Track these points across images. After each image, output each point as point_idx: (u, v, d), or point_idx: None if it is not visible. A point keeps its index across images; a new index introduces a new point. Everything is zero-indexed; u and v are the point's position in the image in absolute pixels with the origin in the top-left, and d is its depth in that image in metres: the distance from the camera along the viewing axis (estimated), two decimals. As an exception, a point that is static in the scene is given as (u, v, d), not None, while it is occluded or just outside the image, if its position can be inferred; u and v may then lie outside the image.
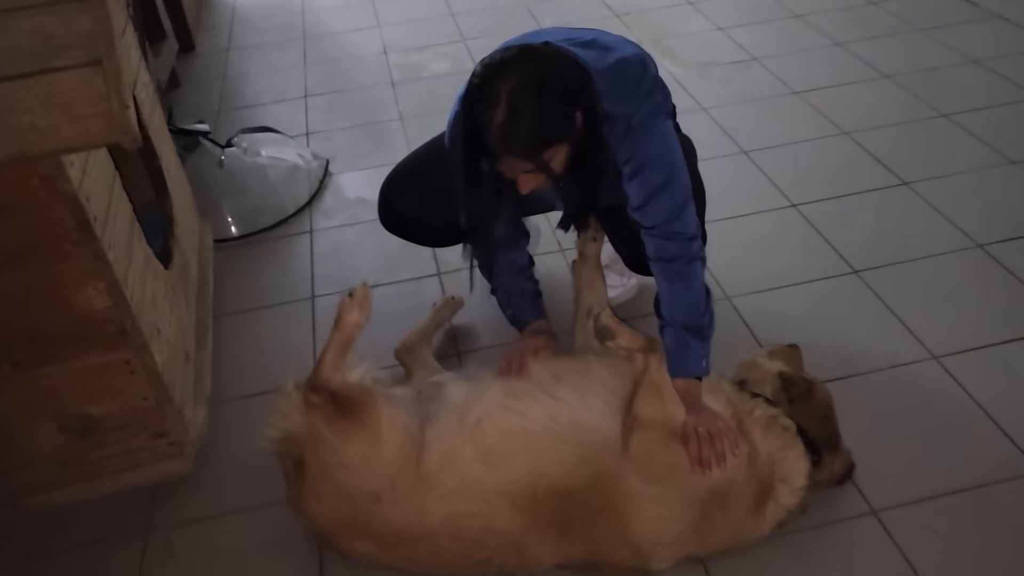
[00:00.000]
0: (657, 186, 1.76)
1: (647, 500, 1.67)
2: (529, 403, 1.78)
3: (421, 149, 2.33)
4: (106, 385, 1.90)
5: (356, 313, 1.91)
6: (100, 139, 1.41)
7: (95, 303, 1.78)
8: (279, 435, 1.86)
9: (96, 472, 2.04)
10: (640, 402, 1.74)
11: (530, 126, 1.58)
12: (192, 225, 2.72)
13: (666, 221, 1.78)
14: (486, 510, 1.68)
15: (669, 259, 1.81)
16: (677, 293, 1.83)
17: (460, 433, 1.74)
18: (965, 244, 2.61)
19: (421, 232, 2.36)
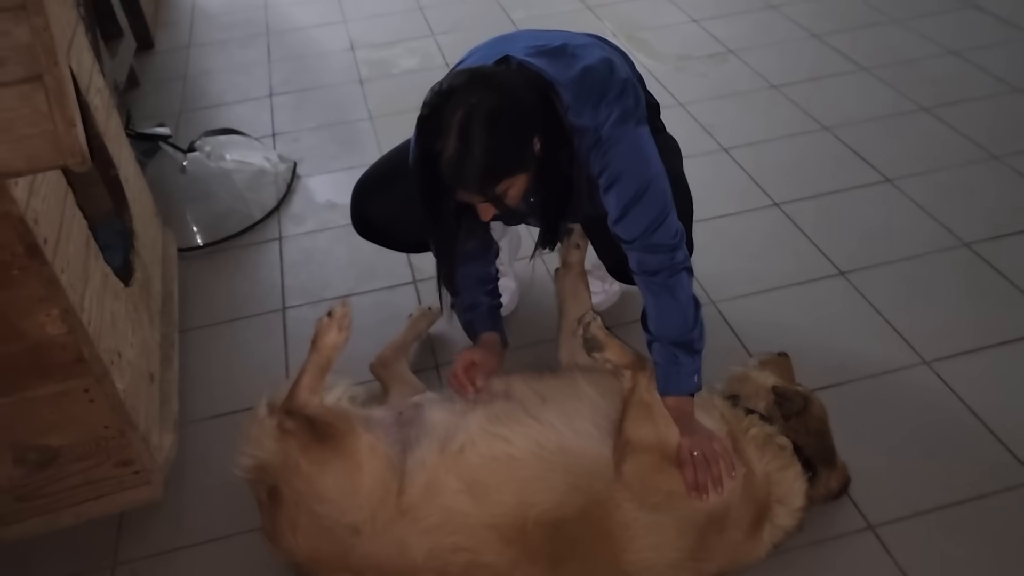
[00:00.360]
0: (632, 197, 1.67)
1: (642, 528, 1.59)
2: (514, 428, 1.69)
3: (393, 152, 2.22)
4: (64, 415, 1.79)
5: (334, 334, 1.82)
6: (44, 163, 1.30)
7: (49, 330, 1.67)
8: (252, 463, 1.75)
9: (56, 504, 1.93)
10: (631, 424, 1.66)
11: (481, 162, 1.51)
12: (154, 235, 2.59)
13: (645, 232, 1.69)
14: (473, 543, 1.59)
15: (652, 272, 1.72)
16: (663, 307, 1.74)
17: (443, 462, 1.65)
18: (951, 243, 2.56)
19: (395, 237, 2.26)
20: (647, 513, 1.60)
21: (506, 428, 1.69)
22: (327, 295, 2.62)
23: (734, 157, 3.06)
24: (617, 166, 1.68)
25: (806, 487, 1.71)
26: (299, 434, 1.69)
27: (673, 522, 1.61)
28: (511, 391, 1.80)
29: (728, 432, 1.71)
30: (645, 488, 1.61)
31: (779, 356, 2.04)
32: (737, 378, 1.95)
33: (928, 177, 2.85)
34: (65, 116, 1.27)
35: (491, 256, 2.07)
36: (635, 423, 1.66)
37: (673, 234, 1.72)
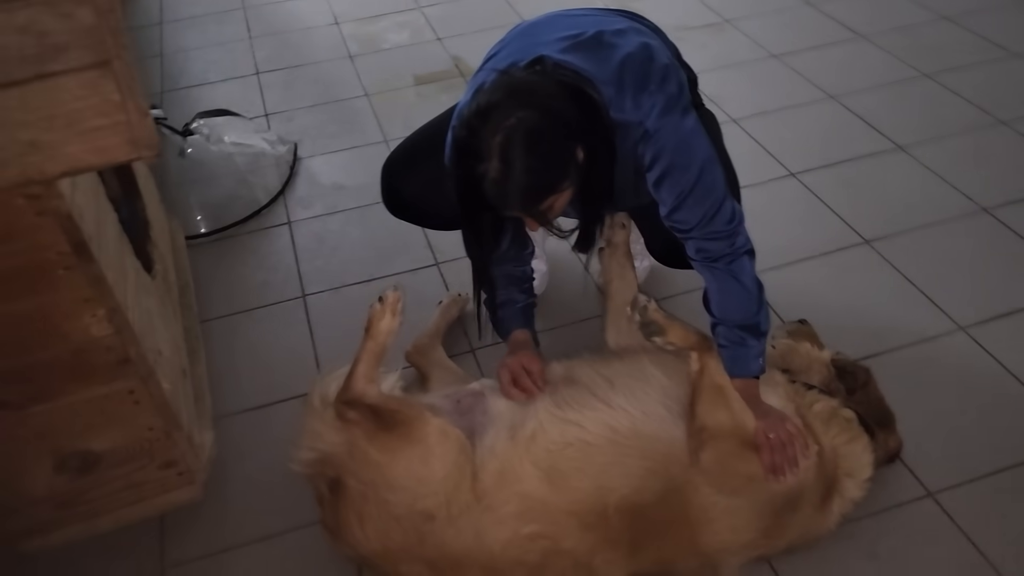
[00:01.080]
0: (686, 189, 1.63)
1: (721, 512, 1.58)
2: (585, 413, 1.66)
3: (424, 128, 2.14)
4: (108, 418, 1.71)
5: (388, 319, 1.77)
6: (117, 155, 1.21)
7: (94, 332, 1.58)
8: (312, 457, 1.70)
9: (97, 510, 1.85)
10: (704, 408, 1.64)
11: (525, 183, 1.48)
12: (162, 224, 2.49)
13: (701, 222, 1.65)
14: (552, 531, 1.57)
15: (713, 259, 1.69)
16: (727, 290, 1.71)
17: (515, 449, 1.62)
18: (970, 209, 2.59)
19: (429, 213, 2.17)
20: (725, 497, 1.59)
21: (577, 413, 1.66)
22: (347, 280, 2.54)
23: (744, 128, 3.04)
24: (667, 159, 1.63)
25: (873, 457, 1.72)
26: (363, 423, 1.65)
27: (751, 504, 1.60)
28: (575, 376, 1.77)
29: (795, 410, 1.70)
30: (724, 475, 1.59)
31: (801, 324, 2.04)
32: (783, 352, 1.94)
33: (939, 143, 2.88)
34: (137, 105, 1.18)
35: (527, 256, 2.01)
36: (709, 407, 1.63)
37: (730, 219, 1.68)
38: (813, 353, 1.89)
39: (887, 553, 1.75)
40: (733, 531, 1.60)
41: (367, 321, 1.77)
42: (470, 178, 1.51)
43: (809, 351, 1.91)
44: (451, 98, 2.52)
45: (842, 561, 1.73)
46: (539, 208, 1.54)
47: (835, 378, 1.82)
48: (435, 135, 2.09)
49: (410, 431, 1.62)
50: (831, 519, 1.69)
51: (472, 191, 1.53)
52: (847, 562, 1.73)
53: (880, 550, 1.75)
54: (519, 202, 1.52)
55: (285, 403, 2.16)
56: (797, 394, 1.77)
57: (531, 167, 1.46)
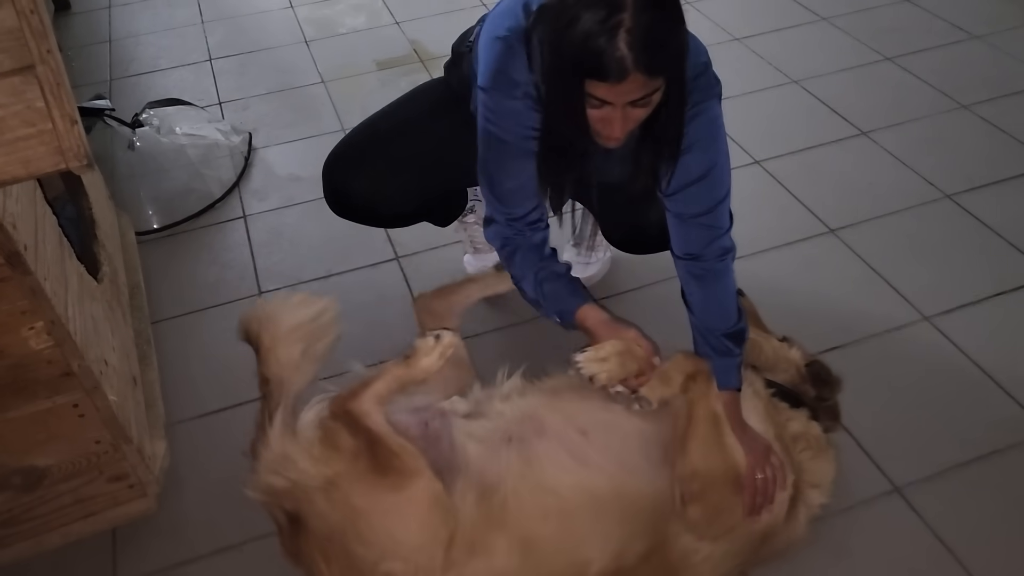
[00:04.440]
0: (699, 174, 1.58)
1: (703, 558, 1.52)
2: (560, 477, 1.51)
3: (367, 121, 2.06)
4: (52, 433, 1.63)
5: (434, 359, 1.56)
6: (44, 166, 1.13)
7: (33, 345, 1.50)
8: (279, 486, 1.51)
9: (44, 526, 1.78)
10: (699, 446, 1.53)
11: (666, 28, 1.36)
12: (111, 221, 2.39)
13: (701, 212, 1.62)
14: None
15: (698, 253, 1.64)
16: (711, 296, 1.66)
17: (487, 519, 1.46)
18: (934, 195, 2.58)
19: (375, 212, 2.07)
20: (709, 544, 1.52)
21: (551, 477, 1.51)
22: (305, 276, 2.47)
23: (708, 113, 3.00)
24: (693, 135, 1.56)
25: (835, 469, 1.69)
26: (354, 457, 1.46)
27: (732, 546, 1.54)
28: (544, 426, 1.57)
29: (775, 434, 1.63)
30: (711, 526, 1.52)
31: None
32: (752, 348, 1.89)
33: (901, 129, 2.87)
34: (64, 112, 1.10)
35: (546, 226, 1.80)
36: (703, 445, 1.53)
37: (728, 218, 1.67)
38: (782, 351, 1.85)
39: (856, 550, 1.73)
40: (713, 569, 1.54)
41: (411, 349, 1.57)
42: (588, 40, 1.34)
43: (777, 348, 1.87)
44: (410, 82, 2.45)
45: (810, 560, 1.71)
46: (655, 81, 1.38)
47: (806, 380, 1.78)
48: (375, 130, 2.03)
49: (404, 484, 1.44)
50: (799, 527, 1.64)
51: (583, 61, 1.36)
52: (815, 561, 1.71)
53: (849, 547, 1.74)
54: (647, 60, 1.33)
55: (242, 407, 2.09)
56: (776, 410, 1.69)
57: (664, 18, 1.35)
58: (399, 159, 1.96)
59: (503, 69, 1.55)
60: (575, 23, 1.34)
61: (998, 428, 1.93)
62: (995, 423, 1.94)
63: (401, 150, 1.97)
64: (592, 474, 1.51)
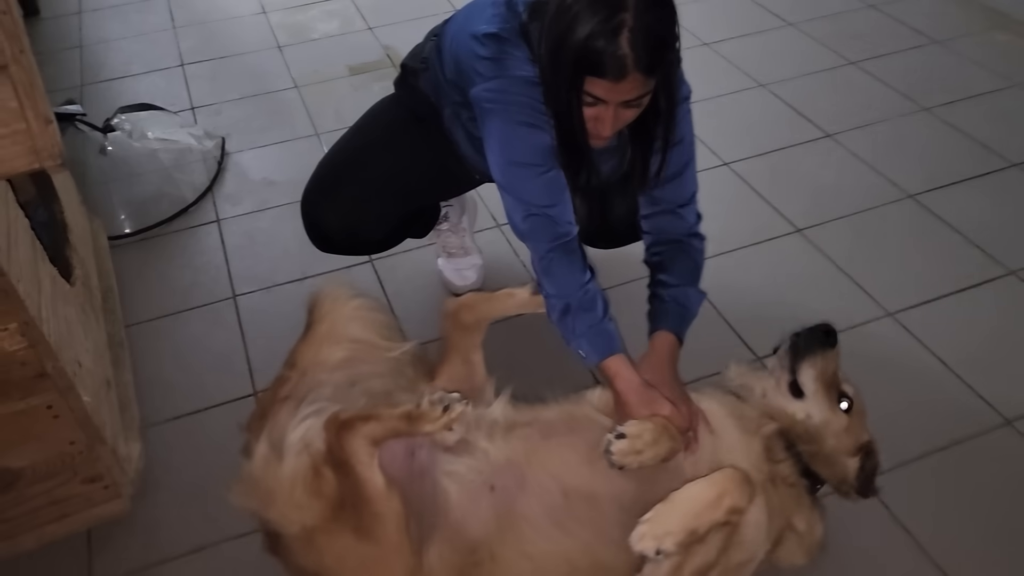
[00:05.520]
0: (677, 170, 1.68)
1: None
2: (538, 543, 1.45)
3: (335, 149, 2.06)
4: (25, 434, 1.64)
5: (438, 427, 1.47)
6: (18, 166, 1.14)
7: (6, 346, 1.51)
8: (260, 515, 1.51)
9: (17, 528, 1.77)
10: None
11: (665, 29, 1.42)
12: (83, 225, 2.39)
13: (677, 205, 1.73)
14: None
15: (672, 239, 1.74)
16: (682, 263, 1.75)
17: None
18: (897, 195, 2.65)
19: (360, 238, 2.06)
20: None
21: (529, 542, 1.45)
22: (279, 279, 2.48)
23: (678, 117, 3.05)
24: (685, 128, 1.69)
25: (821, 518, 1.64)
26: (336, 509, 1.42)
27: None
28: (525, 480, 1.51)
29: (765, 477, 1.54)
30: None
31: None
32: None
33: (866, 131, 2.94)
34: (38, 112, 1.12)
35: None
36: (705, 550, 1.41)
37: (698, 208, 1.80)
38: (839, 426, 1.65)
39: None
40: None
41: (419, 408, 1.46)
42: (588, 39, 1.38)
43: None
44: (384, 88, 2.46)
45: (778, 551, 1.75)
46: (650, 81, 1.44)
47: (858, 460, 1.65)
48: (348, 154, 2.02)
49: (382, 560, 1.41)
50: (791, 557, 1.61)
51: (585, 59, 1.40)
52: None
53: (815, 537, 1.78)
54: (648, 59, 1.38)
55: (216, 408, 2.10)
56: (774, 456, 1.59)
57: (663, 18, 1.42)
58: (368, 186, 1.96)
59: (501, 60, 1.58)
60: (577, 21, 1.39)
61: (959, 419, 1.99)
62: (956, 414, 2.00)
63: (369, 177, 1.97)
64: (569, 542, 1.46)
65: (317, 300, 1.78)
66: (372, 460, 1.43)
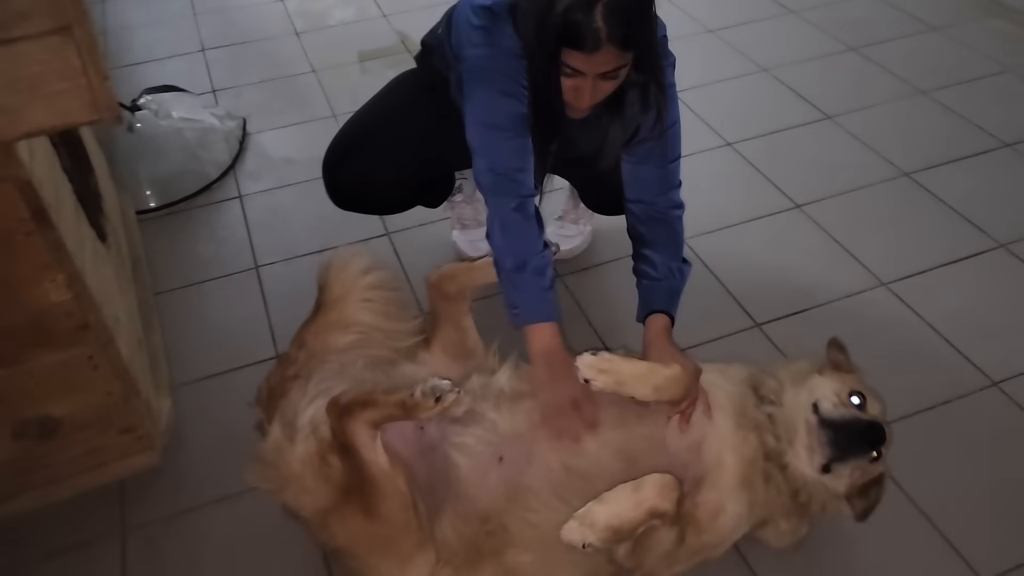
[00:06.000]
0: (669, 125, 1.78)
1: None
2: (543, 513, 1.54)
3: (358, 113, 2.18)
4: (67, 383, 1.74)
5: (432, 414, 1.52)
6: (79, 118, 1.26)
7: (53, 297, 1.61)
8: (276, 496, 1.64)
9: (57, 475, 1.88)
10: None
11: (639, 5, 1.52)
12: (112, 198, 2.50)
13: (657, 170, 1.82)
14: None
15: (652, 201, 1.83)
16: (662, 234, 1.84)
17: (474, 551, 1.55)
18: (893, 174, 2.75)
19: (374, 200, 2.20)
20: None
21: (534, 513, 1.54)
22: (299, 251, 2.60)
23: (683, 100, 3.13)
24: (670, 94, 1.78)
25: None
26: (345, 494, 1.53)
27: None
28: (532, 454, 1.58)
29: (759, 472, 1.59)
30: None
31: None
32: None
33: (863, 113, 3.03)
34: (97, 69, 1.23)
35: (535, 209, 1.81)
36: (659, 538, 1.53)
37: (679, 176, 1.87)
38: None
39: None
40: None
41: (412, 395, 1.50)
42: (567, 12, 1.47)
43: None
44: (397, 73, 2.57)
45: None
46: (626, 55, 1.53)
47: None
48: (370, 119, 2.14)
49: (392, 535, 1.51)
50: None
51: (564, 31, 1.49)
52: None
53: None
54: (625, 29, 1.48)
55: (241, 370, 2.21)
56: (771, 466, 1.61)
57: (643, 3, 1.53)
58: (386, 149, 2.08)
59: (490, 30, 1.68)
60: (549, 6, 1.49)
61: (947, 381, 2.09)
62: (944, 376, 2.10)
63: (387, 141, 2.08)
64: (568, 513, 1.51)
65: (328, 274, 1.85)
66: (374, 443, 1.51)
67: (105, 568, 1.82)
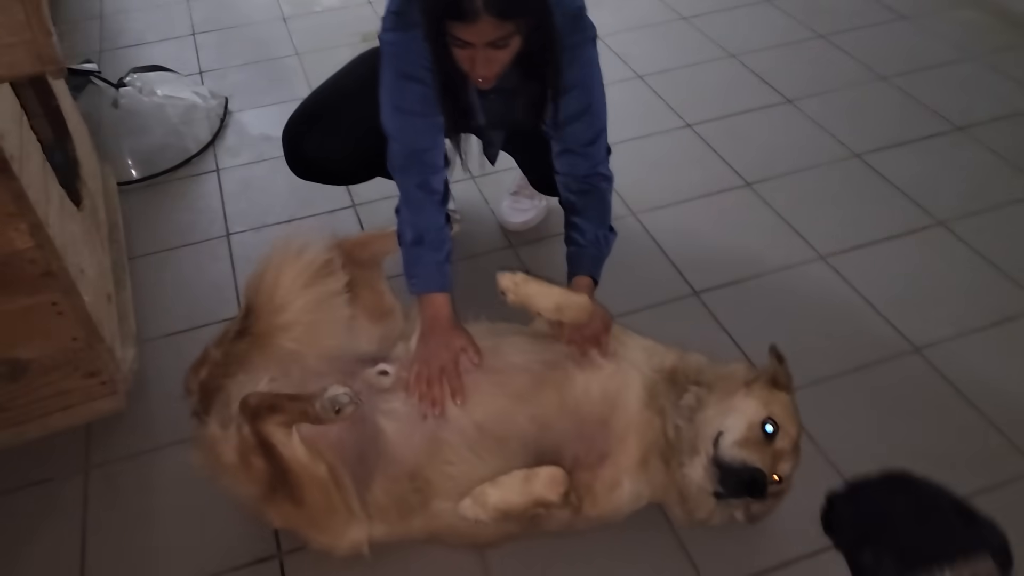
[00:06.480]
0: (577, 112, 1.84)
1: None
2: (460, 467, 1.68)
3: (321, 87, 2.30)
4: (33, 328, 1.88)
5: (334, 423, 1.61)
6: (23, 69, 1.39)
7: (17, 244, 1.75)
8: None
9: (27, 415, 2.02)
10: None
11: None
12: (94, 168, 2.64)
13: (582, 145, 1.89)
14: None
15: (581, 176, 1.92)
16: (592, 206, 1.95)
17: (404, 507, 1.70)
18: (844, 155, 2.84)
19: (332, 170, 2.31)
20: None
21: (452, 467, 1.68)
22: (269, 220, 2.73)
23: (649, 84, 3.26)
24: (576, 74, 1.81)
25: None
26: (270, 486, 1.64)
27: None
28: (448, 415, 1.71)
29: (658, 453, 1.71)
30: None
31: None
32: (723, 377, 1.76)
33: (823, 97, 3.13)
34: (42, 25, 1.36)
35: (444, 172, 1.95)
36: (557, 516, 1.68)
37: (605, 149, 1.95)
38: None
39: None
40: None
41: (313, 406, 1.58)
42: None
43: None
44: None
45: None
46: (511, 24, 1.59)
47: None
48: (331, 93, 2.25)
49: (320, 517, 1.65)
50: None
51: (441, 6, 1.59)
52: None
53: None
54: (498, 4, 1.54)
55: (206, 327, 2.33)
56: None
57: None
58: (345, 122, 2.18)
59: (401, 15, 1.78)
60: None
61: (871, 346, 2.18)
62: (869, 342, 2.20)
63: (347, 114, 2.19)
64: (483, 468, 1.67)
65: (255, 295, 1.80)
66: (289, 438, 1.60)
67: (67, 501, 1.96)
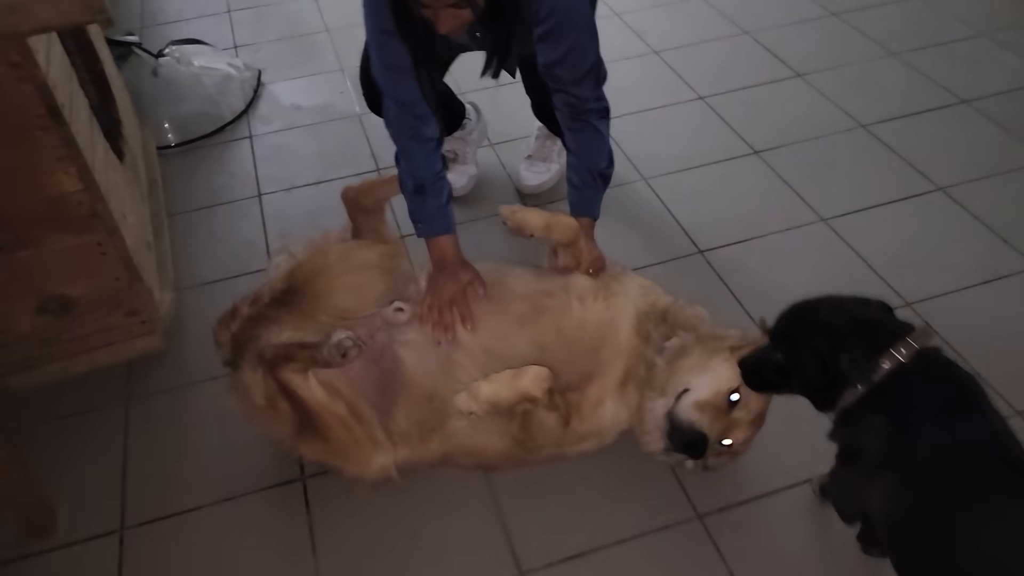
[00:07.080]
0: (561, 56, 1.89)
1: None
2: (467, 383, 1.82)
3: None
4: (80, 266, 2.04)
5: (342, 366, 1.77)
6: (76, 17, 1.54)
7: (67, 187, 1.91)
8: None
9: (73, 350, 2.18)
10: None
11: None
12: (135, 130, 2.81)
13: (570, 84, 1.94)
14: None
15: (580, 112, 1.99)
16: (586, 142, 2.04)
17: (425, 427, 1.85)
18: (850, 125, 2.93)
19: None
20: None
21: (463, 385, 1.81)
22: (298, 183, 2.88)
23: (664, 59, 3.37)
24: (556, 18, 1.85)
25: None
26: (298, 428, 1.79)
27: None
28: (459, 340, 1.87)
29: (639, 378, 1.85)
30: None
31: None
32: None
33: (834, 72, 3.21)
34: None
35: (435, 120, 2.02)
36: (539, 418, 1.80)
37: (598, 80, 1.98)
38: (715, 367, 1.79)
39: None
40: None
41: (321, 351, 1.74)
42: None
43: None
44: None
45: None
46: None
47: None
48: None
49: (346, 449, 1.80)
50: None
51: None
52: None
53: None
54: None
55: (238, 277, 2.50)
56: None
57: None
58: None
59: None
60: None
61: (865, 300, 2.28)
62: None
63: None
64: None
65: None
66: (306, 381, 1.75)
67: (109, 430, 2.12)
